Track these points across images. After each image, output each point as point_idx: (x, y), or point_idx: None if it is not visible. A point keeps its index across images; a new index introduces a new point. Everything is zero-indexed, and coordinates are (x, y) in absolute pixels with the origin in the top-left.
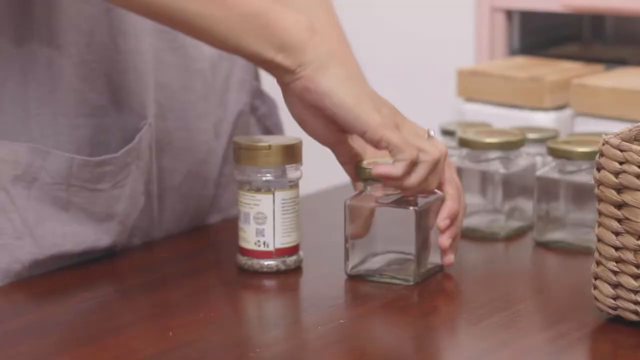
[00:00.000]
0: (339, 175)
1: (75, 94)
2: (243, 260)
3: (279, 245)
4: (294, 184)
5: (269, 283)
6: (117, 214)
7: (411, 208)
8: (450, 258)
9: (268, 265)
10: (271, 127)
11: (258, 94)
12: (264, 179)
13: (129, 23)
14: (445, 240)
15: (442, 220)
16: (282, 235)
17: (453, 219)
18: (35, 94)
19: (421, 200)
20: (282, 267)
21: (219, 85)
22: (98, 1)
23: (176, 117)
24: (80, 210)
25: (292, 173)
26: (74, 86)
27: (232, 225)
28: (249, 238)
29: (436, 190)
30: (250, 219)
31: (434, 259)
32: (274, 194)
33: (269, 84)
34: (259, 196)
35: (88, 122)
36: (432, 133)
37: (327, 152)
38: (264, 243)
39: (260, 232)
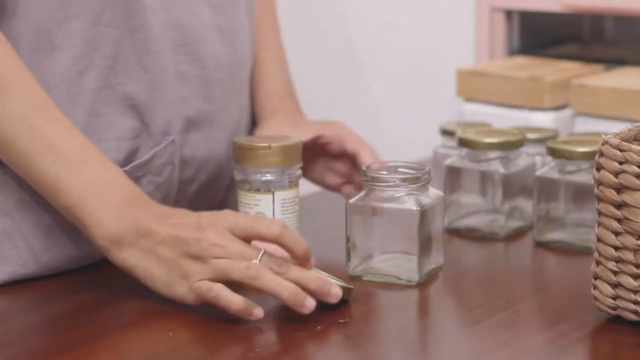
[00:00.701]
0: None
1: (100, 119)
2: None
3: None
4: (294, 184)
5: None
6: None
7: (414, 208)
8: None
9: None
10: None
11: None
12: (263, 179)
13: (153, 41)
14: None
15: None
16: None
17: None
18: None
19: (424, 200)
20: None
21: (237, 92)
22: (122, 22)
23: (199, 129)
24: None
25: (292, 173)
26: (97, 111)
27: None
28: None
29: (437, 190)
30: None
31: (435, 258)
32: (273, 194)
33: None
34: (258, 196)
35: (120, 145)
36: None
37: None
38: None
39: None
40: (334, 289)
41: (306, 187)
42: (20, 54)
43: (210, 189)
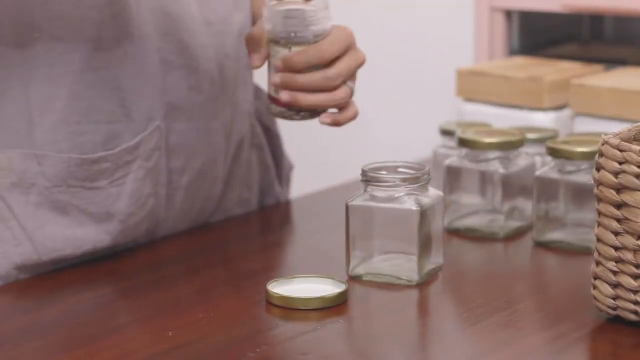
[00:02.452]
0: (339, 176)
1: (81, 102)
2: (269, 107)
3: None
4: (318, 39)
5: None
6: (117, 212)
7: (414, 208)
8: (284, 95)
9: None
10: (269, 124)
11: (256, 92)
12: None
13: (135, 26)
14: (276, 78)
15: (277, 60)
16: None
17: (287, 64)
18: (37, 103)
19: (424, 200)
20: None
21: (228, 85)
22: (104, 6)
23: (188, 118)
24: (80, 212)
25: (316, 27)
26: (79, 94)
27: (234, 225)
28: (271, 87)
29: (437, 191)
30: (272, 69)
31: (435, 258)
32: (290, 50)
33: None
34: (277, 48)
35: (98, 128)
36: None
37: (327, 152)
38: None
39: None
40: None
41: (306, 187)
42: (2, 32)
43: (207, 180)
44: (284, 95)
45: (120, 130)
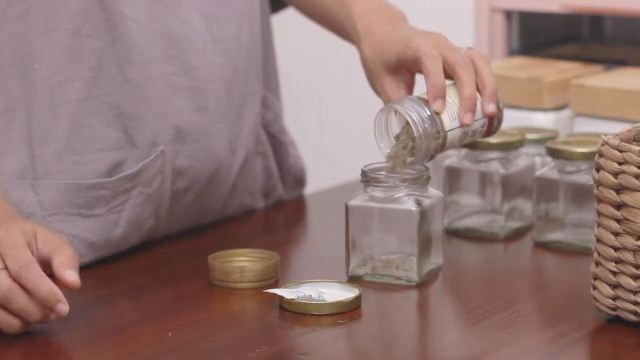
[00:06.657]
0: (341, 175)
1: (84, 130)
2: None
3: None
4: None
5: None
6: (114, 238)
7: (414, 208)
8: (491, 107)
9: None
10: (276, 133)
11: (264, 101)
12: None
13: (137, 52)
14: (487, 108)
15: (463, 117)
16: None
17: (472, 106)
18: (38, 132)
19: (423, 201)
20: None
21: (234, 101)
22: (104, 33)
23: (194, 140)
24: (79, 242)
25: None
26: (81, 122)
27: (232, 225)
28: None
29: (436, 191)
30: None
31: (435, 259)
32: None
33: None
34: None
35: (103, 156)
36: None
37: (328, 152)
38: None
39: None
40: (60, 306)
41: (307, 187)
42: (2, 64)
43: (209, 196)
44: (492, 107)
45: (124, 157)
